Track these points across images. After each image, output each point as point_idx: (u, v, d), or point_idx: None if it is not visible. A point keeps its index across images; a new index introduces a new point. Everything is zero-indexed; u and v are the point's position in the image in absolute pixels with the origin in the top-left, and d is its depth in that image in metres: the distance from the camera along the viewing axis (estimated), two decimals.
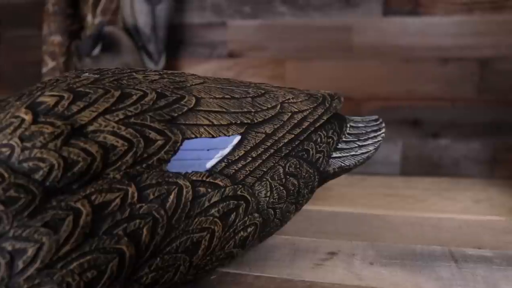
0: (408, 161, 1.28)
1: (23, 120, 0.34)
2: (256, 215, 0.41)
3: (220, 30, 1.29)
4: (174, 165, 0.37)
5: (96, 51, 1.15)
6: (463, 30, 1.18)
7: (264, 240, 0.44)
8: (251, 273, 0.45)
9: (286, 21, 1.25)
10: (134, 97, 0.37)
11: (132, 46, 1.22)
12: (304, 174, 0.44)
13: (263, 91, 0.44)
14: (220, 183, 0.38)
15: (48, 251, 0.33)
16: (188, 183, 0.37)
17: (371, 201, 0.64)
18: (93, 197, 0.34)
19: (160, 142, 0.36)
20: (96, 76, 0.41)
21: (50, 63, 1.27)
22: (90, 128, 0.35)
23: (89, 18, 1.25)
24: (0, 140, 0.34)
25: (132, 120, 0.36)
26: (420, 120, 1.27)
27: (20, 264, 0.33)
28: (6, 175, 0.33)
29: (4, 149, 0.34)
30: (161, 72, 0.44)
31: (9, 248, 0.33)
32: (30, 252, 0.33)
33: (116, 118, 0.35)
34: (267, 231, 0.44)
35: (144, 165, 0.36)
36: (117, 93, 0.37)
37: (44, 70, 1.28)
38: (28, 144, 0.34)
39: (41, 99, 0.36)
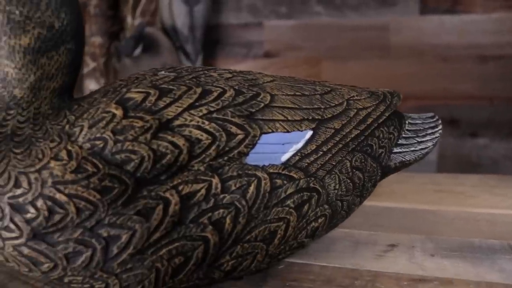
0: (444, 160, 1.28)
1: (114, 115, 0.37)
2: (326, 206, 0.42)
3: (256, 30, 1.32)
4: (252, 158, 0.39)
5: (137, 51, 1.18)
6: (502, 28, 1.17)
7: (330, 231, 0.45)
8: (316, 263, 0.46)
9: (322, 21, 1.26)
10: (215, 94, 0.39)
11: (171, 47, 1.24)
12: (368, 168, 0.46)
13: (329, 89, 0.46)
14: (294, 175, 0.40)
15: (140, 238, 0.35)
16: (266, 175, 0.39)
17: (422, 196, 0.66)
18: (180, 188, 0.36)
19: (240, 136, 0.38)
20: (173, 74, 0.43)
21: (91, 64, 1.30)
22: (176, 122, 0.37)
23: (128, 19, 1.28)
24: (93, 134, 0.36)
25: (214, 115, 0.38)
26: (457, 119, 1.27)
27: (114, 250, 0.35)
28: (100, 166, 0.35)
29: (98, 142, 0.36)
30: (231, 71, 0.45)
31: (105, 234, 0.35)
32: (124, 238, 0.35)
33: (200, 113, 0.37)
34: (334, 223, 0.45)
35: (225, 158, 0.37)
36: (198, 90, 0.39)
37: (85, 70, 1.31)
38: (120, 137, 0.36)
39: (129, 95, 0.38)
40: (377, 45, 1.27)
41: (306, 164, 0.41)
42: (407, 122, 0.52)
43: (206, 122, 0.37)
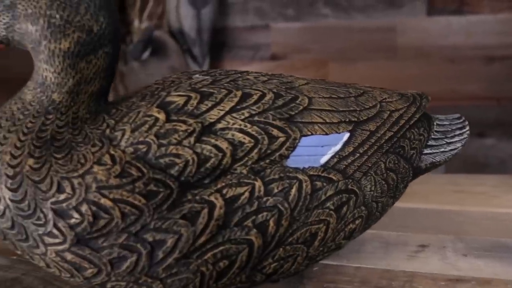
0: (452, 160, 1.28)
1: (157, 118, 0.36)
2: (363, 208, 0.42)
3: (263, 32, 1.32)
4: (293, 161, 0.39)
5: (146, 55, 1.18)
6: (509, 28, 1.18)
7: (363, 232, 0.46)
8: (349, 264, 0.46)
9: (329, 23, 1.27)
10: (255, 97, 0.39)
11: (178, 50, 1.24)
12: (401, 169, 0.46)
13: (361, 91, 0.46)
14: (333, 177, 0.40)
15: (186, 242, 0.35)
16: (306, 178, 0.38)
17: (443, 197, 0.66)
18: (224, 191, 0.36)
19: (281, 139, 0.38)
20: (207, 77, 0.43)
21: None
22: (219, 125, 0.37)
23: (135, 23, 1.28)
24: (136, 138, 0.36)
25: (256, 118, 0.38)
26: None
27: (160, 254, 0.35)
28: (145, 170, 0.35)
29: (141, 146, 0.36)
30: (265, 74, 0.45)
31: (150, 239, 0.35)
32: (170, 242, 0.35)
33: (242, 116, 0.37)
34: (368, 224, 0.45)
35: (267, 161, 0.37)
36: (239, 93, 0.39)
37: None
38: (164, 141, 0.35)
39: (170, 98, 0.38)
40: (384, 46, 1.27)
41: (344, 166, 0.41)
42: (435, 123, 0.52)
43: (249, 125, 0.37)
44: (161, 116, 0.36)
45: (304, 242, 0.39)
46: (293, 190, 0.38)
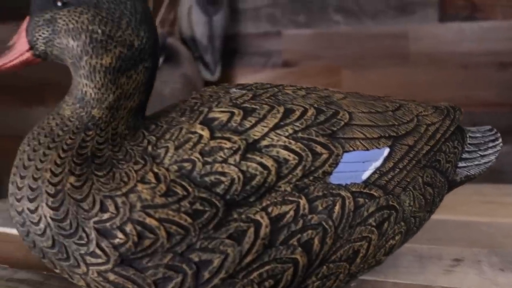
0: None
1: (201, 136, 0.36)
2: (402, 223, 0.42)
3: (275, 39, 1.31)
4: (335, 177, 0.38)
5: (159, 62, 1.17)
6: None
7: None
8: (387, 280, 0.45)
9: (341, 30, 1.26)
10: (297, 113, 0.38)
11: (190, 57, 1.24)
12: (438, 183, 0.45)
13: (398, 105, 0.45)
14: (375, 193, 0.40)
15: (232, 262, 0.35)
16: (349, 194, 0.38)
17: (471, 208, 0.65)
18: (269, 209, 0.36)
19: (325, 156, 0.37)
20: (245, 91, 0.42)
21: None
22: (264, 142, 0.36)
23: None
24: (180, 156, 0.35)
25: (300, 134, 0.37)
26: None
27: (206, 275, 0.35)
28: (190, 189, 0.34)
29: (185, 164, 0.35)
30: (300, 87, 0.45)
31: (196, 259, 0.34)
32: (216, 263, 0.35)
33: (286, 133, 0.37)
34: (406, 239, 0.45)
35: (311, 178, 0.37)
36: (281, 109, 0.38)
37: None
38: (209, 159, 0.35)
39: (212, 115, 0.37)
40: (396, 53, 1.27)
41: (385, 181, 0.40)
42: (468, 136, 0.51)
43: (293, 142, 0.36)
44: (205, 133, 0.36)
45: (347, 260, 0.38)
46: (337, 207, 0.37)
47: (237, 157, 0.35)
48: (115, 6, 0.37)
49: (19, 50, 0.39)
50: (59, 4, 0.37)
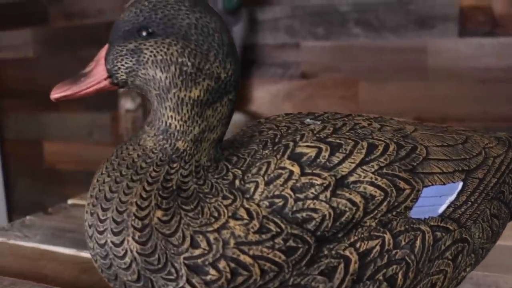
0: None
1: (291, 172, 0.36)
2: (472, 255, 0.42)
3: (293, 51, 1.31)
4: (415, 212, 0.39)
5: None
6: None
7: None
8: None
9: (360, 42, 1.27)
10: (380, 148, 0.39)
11: None
12: (502, 214, 0.46)
13: (464, 137, 0.46)
14: (450, 227, 0.40)
15: None
16: (428, 228, 0.38)
17: None
18: (357, 245, 0.36)
19: (407, 191, 0.38)
20: (318, 122, 0.42)
21: None
22: (351, 178, 0.36)
23: None
24: (271, 191, 0.35)
25: (384, 170, 0.37)
26: None
27: None
28: (283, 225, 0.34)
29: (277, 200, 0.35)
30: (367, 117, 0.45)
31: None
32: None
33: (372, 169, 0.37)
34: (472, 270, 0.46)
35: (394, 213, 0.37)
36: (365, 144, 0.38)
37: (121, 89, 1.29)
38: (301, 196, 0.35)
39: (300, 150, 0.37)
40: (415, 67, 1.28)
41: (458, 215, 0.41)
42: None
43: (379, 178, 0.37)
44: (296, 169, 0.36)
45: None
46: (418, 242, 0.38)
47: (328, 194, 0.35)
48: (203, 38, 0.36)
49: (97, 78, 0.38)
50: (144, 34, 0.37)
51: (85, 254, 0.62)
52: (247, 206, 0.35)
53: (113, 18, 1.43)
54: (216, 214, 0.35)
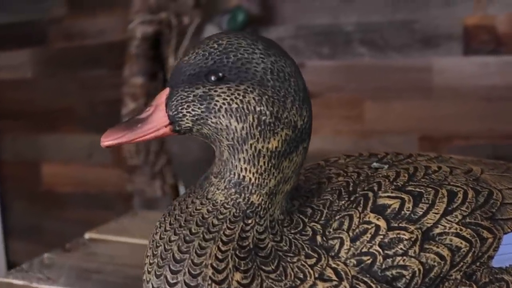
0: None
1: (378, 226, 0.34)
2: None
3: None
4: (497, 260, 0.38)
5: None
6: None
7: None
8: None
9: (365, 62, 1.27)
10: (460, 196, 0.37)
11: None
12: None
13: None
14: None
15: None
16: (511, 278, 0.37)
17: None
18: None
19: (490, 240, 0.37)
20: (385, 166, 0.41)
21: (131, 105, 1.26)
22: (436, 230, 0.35)
23: (170, 60, 1.25)
24: (358, 248, 0.34)
25: (467, 220, 0.36)
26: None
27: None
28: (373, 285, 0.33)
29: (365, 258, 0.33)
30: (428, 157, 0.44)
31: None
32: None
33: (456, 219, 0.36)
34: None
35: (478, 264, 0.36)
36: (445, 192, 0.37)
37: (124, 111, 1.27)
38: (390, 252, 0.34)
39: (383, 201, 0.36)
40: (420, 86, 1.28)
41: None
42: None
43: (463, 229, 0.36)
44: (382, 224, 0.34)
45: None
46: None
47: (416, 248, 0.34)
48: (280, 84, 0.34)
49: (157, 124, 0.36)
50: (213, 78, 0.34)
51: None
52: (334, 265, 0.33)
53: (114, 39, 1.40)
54: (301, 276, 0.33)
